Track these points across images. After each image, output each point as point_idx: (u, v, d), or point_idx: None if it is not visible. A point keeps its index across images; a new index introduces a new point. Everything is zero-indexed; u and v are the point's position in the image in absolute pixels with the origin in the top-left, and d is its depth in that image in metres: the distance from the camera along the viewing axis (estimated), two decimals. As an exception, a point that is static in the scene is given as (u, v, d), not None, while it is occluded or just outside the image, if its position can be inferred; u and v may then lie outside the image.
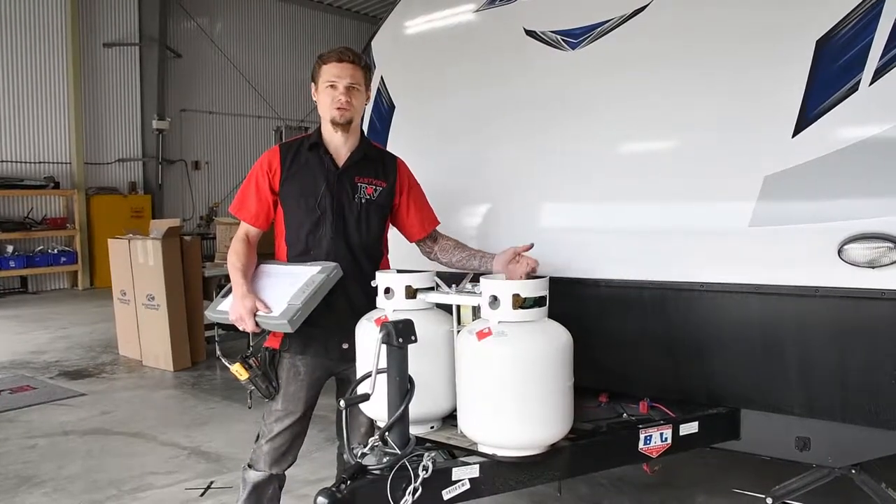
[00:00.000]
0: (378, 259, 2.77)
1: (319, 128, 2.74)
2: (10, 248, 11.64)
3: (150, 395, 5.95)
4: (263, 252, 2.77)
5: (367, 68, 2.73)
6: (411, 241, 2.89)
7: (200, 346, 6.93)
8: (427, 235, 2.86)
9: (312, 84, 2.71)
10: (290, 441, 2.70)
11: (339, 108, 2.62)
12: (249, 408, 2.87)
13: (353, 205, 2.68)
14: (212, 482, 4.01)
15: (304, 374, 2.68)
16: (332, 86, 2.62)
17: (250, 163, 2.80)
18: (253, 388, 2.63)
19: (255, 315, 2.51)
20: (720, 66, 2.70)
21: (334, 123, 2.65)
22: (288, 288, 2.52)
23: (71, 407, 5.55)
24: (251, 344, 2.67)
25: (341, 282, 2.56)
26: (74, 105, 12.47)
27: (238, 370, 2.58)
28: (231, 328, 2.65)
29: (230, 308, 2.59)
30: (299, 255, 2.68)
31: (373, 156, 2.78)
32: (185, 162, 14.61)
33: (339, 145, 2.70)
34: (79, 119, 12.56)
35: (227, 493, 3.83)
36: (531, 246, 2.59)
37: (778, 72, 2.55)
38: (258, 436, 2.75)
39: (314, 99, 2.71)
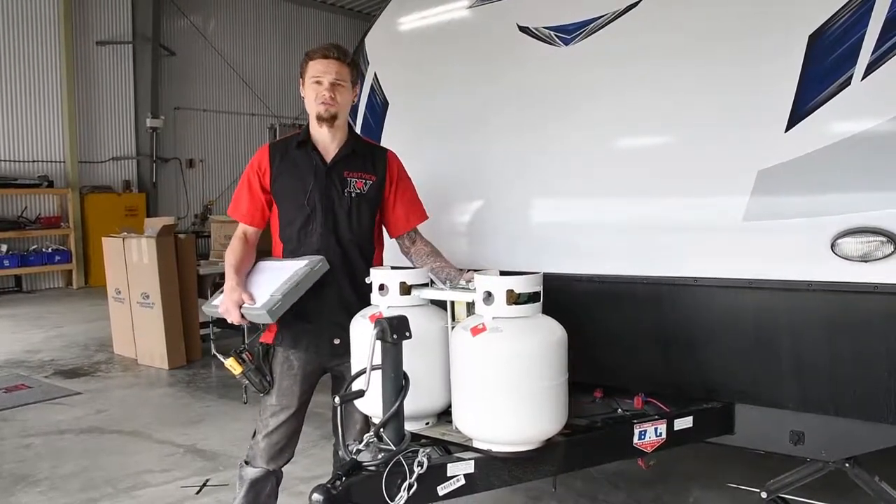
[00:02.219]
0: (370, 254, 2.78)
1: (307, 125, 2.77)
2: (4, 248, 11.59)
3: (146, 393, 5.94)
4: (263, 248, 2.80)
5: (354, 65, 2.76)
6: (392, 237, 2.89)
7: (196, 345, 6.91)
8: (409, 232, 2.86)
9: (300, 80, 2.74)
10: (286, 436, 2.72)
11: (323, 103, 2.65)
12: (245, 402, 2.89)
13: (342, 199, 2.69)
14: (207, 480, 4.01)
15: (297, 369, 2.69)
16: (317, 82, 2.66)
17: (245, 160, 2.82)
18: (247, 382, 2.66)
19: (240, 307, 2.56)
20: (713, 61, 2.70)
21: (319, 118, 2.68)
22: (274, 281, 2.57)
23: (66, 406, 5.54)
24: (246, 340, 2.69)
25: (332, 277, 2.59)
26: (68, 103, 12.42)
27: (232, 364, 2.62)
28: (225, 324, 2.67)
29: (220, 301, 2.64)
30: (291, 252, 2.71)
31: (362, 150, 2.80)
32: (179, 160, 14.57)
33: (327, 141, 2.72)
34: (72, 117, 12.51)
35: (223, 491, 3.83)
36: None
37: (771, 66, 2.55)
38: (255, 432, 2.76)
39: (302, 95, 2.74)
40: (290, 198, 2.70)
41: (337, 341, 2.67)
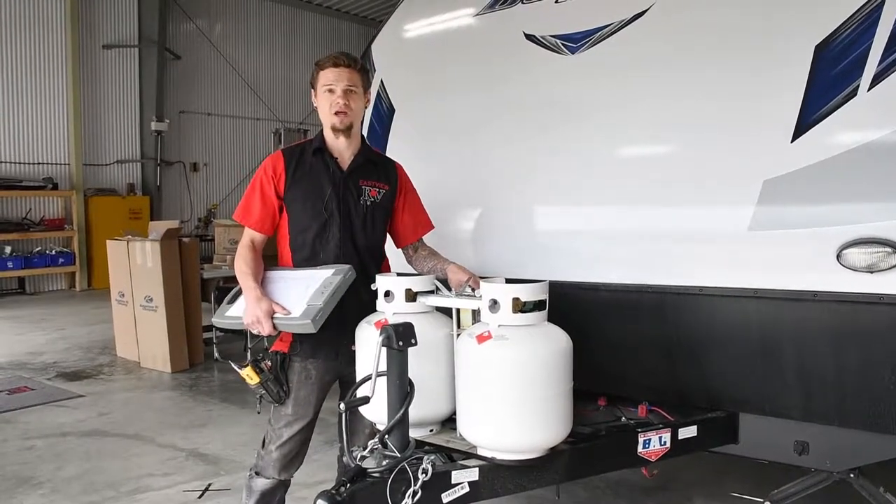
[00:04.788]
0: (381, 261, 2.80)
1: (321, 133, 2.76)
2: (7, 249, 11.61)
3: (148, 396, 5.94)
4: (267, 255, 2.78)
5: (364, 71, 2.76)
6: (399, 247, 2.90)
7: (198, 348, 6.92)
8: (415, 241, 2.88)
9: (312, 90, 2.74)
10: (299, 445, 2.70)
11: (337, 113, 2.64)
12: (258, 412, 2.82)
13: (358, 207, 2.70)
14: (210, 484, 4.00)
15: (314, 378, 2.67)
16: (329, 90, 2.65)
17: (249, 164, 2.82)
18: (263, 392, 2.59)
19: (272, 317, 2.49)
20: (720, 70, 2.71)
21: (335, 129, 2.68)
22: (303, 291, 2.51)
23: (69, 408, 5.54)
24: (249, 346, 2.66)
25: (351, 284, 2.56)
26: (73, 106, 12.47)
27: (249, 374, 2.54)
28: (234, 331, 2.61)
29: (244, 312, 2.55)
30: (305, 260, 2.68)
31: (375, 160, 2.83)
32: (183, 164, 14.59)
33: (343, 149, 2.73)
34: (78, 120, 12.55)
35: (225, 496, 3.82)
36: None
37: (777, 76, 2.56)
38: (264, 441, 2.73)
39: (314, 105, 2.73)
40: (306, 204, 2.67)
41: (354, 347, 2.64)
